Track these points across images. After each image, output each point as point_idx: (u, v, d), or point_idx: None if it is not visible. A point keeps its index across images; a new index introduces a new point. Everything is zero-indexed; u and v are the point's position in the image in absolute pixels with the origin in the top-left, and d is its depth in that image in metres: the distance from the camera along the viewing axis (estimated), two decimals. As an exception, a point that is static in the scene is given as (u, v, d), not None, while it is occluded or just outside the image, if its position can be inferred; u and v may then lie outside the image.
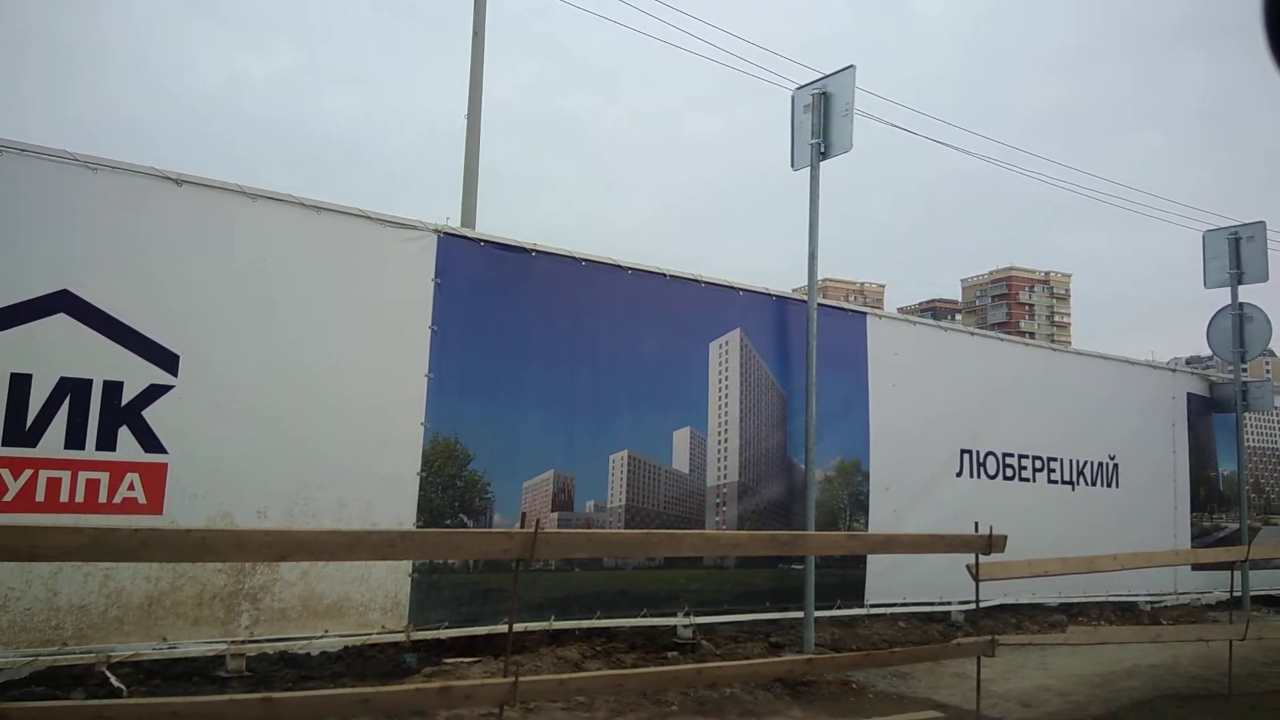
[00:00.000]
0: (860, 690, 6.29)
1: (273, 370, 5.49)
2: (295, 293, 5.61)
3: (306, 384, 5.58)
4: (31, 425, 4.80)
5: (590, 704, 5.49)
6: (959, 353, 9.12)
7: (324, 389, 5.63)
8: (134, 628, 5.00)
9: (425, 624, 5.91)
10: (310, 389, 5.59)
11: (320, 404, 5.61)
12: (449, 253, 6.25)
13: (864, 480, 8.13)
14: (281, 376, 5.51)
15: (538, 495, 6.61)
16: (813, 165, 7.33)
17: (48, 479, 4.82)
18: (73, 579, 4.83)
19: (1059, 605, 9.27)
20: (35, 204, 4.91)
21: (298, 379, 5.56)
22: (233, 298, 5.41)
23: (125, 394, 5.02)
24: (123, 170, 5.11)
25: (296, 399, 5.53)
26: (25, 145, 4.87)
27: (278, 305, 5.56)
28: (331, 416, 5.65)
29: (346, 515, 5.62)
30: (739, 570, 7.40)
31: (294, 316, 5.60)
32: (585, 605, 6.58)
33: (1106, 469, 9.93)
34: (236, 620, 5.25)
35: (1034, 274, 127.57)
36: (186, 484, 5.14)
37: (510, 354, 6.51)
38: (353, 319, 5.81)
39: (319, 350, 5.66)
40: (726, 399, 7.54)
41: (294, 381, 5.54)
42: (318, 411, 5.60)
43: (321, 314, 5.70)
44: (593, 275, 6.95)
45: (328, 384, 5.65)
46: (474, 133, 12.69)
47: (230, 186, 5.43)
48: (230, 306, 5.39)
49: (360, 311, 5.85)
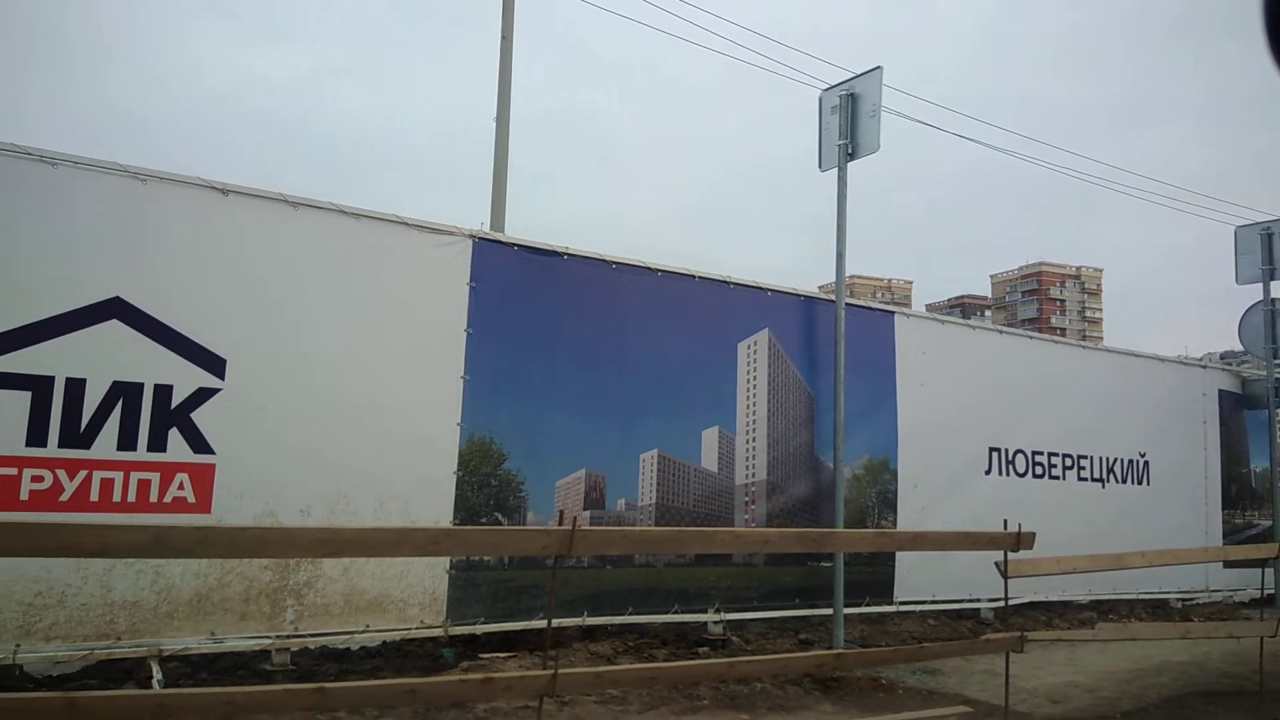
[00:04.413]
0: (890, 686, 6.36)
1: (314, 373, 5.66)
2: (335, 297, 5.78)
3: (346, 386, 5.74)
4: (86, 427, 5.00)
5: (624, 698, 5.61)
6: (988, 351, 9.15)
7: (364, 391, 5.80)
8: (184, 623, 5.18)
9: (462, 619, 6.05)
10: (350, 391, 5.75)
11: (360, 405, 5.77)
12: (483, 256, 6.39)
13: (892, 478, 8.19)
14: (322, 379, 5.68)
15: (570, 494, 6.74)
16: (840, 166, 7.39)
17: (101, 479, 5.02)
18: (126, 575, 5.02)
19: (1089, 603, 9.27)
20: (89, 214, 5.11)
21: (338, 381, 5.72)
22: (276, 302, 5.59)
23: (175, 397, 5.20)
24: (171, 181, 5.30)
25: (337, 401, 5.70)
26: (79, 158, 5.07)
27: (319, 309, 5.73)
28: (371, 418, 5.80)
29: (385, 514, 5.78)
30: (768, 567, 7.49)
31: (334, 320, 5.77)
32: (617, 602, 6.70)
33: (1137, 466, 9.91)
34: (282, 615, 5.42)
35: (1065, 269, 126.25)
36: (233, 484, 5.32)
37: (542, 355, 6.64)
38: (391, 322, 5.97)
39: (359, 353, 5.82)
40: (754, 398, 7.63)
41: (334, 383, 5.71)
42: (358, 413, 5.76)
43: (361, 317, 5.86)
44: (623, 277, 7.07)
45: (367, 386, 5.81)
46: (503, 136, 12.82)
47: (273, 195, 5.61)
48: (274, 311, 5.58)
49: (398, 315, 6.01)
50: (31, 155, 4.96)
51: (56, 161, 5.01)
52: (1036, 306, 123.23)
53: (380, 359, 5.90)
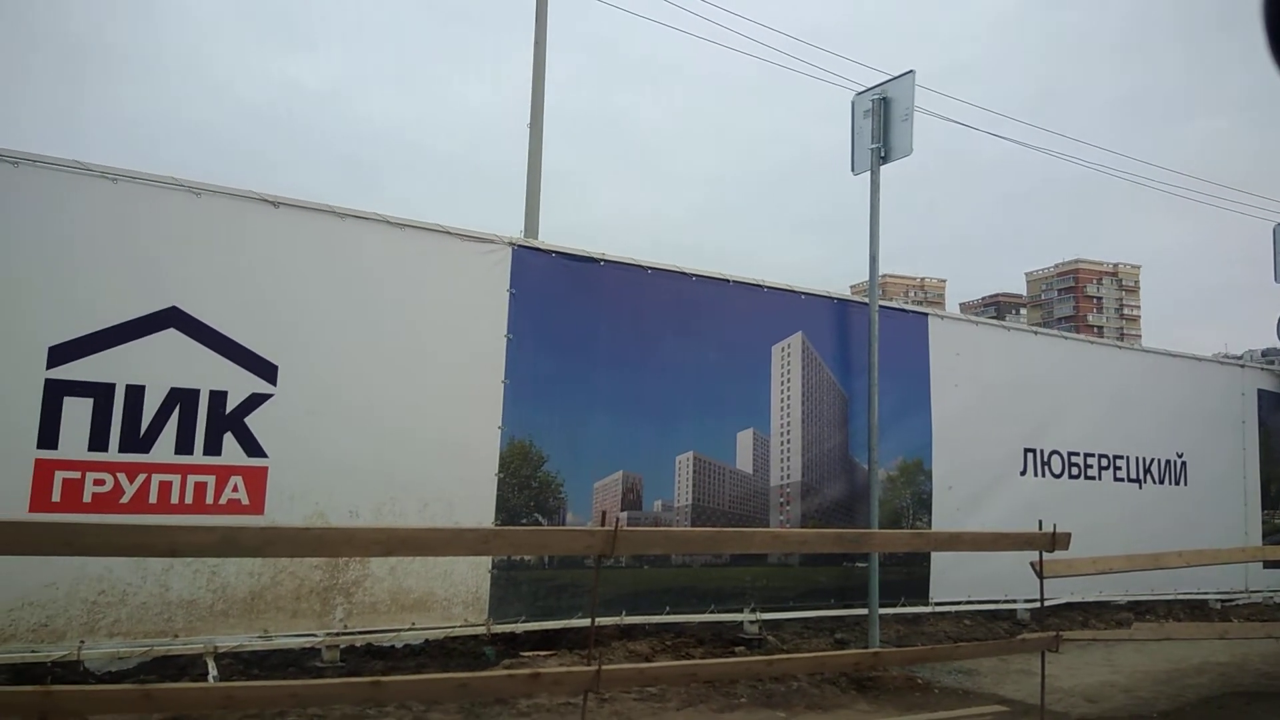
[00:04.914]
0: (925, 686, 6.42)
1: (361, 378, 5.83)
2: (381, 305, 5.96)
3: (392, 391, 5.91)
4: (145, 432, 5.21)
5: (662, 695, 5.73)
6: (1022, 352, 9.16)
7: (408, 395, 5.97)
8: (238, 620, 5.37)
9: (504, 618, 6.20)
10: (395, 395, 5.92)
11: (405, 409, 5.94)
12: (522, 263, 6.54)
13: (926, 479, 8.23)
14: (369, 384, 5.85)
15: (608, 495, 6.87)
16: (873, 170, 7.45)
17: (160, 482, 5.22)
18: (183, 575, 5.22)
19: (1127, 603, 9.24)
20: (147, 227, 5.32)
21: (384, 386, 5.89)
22: (324, 310, 5.77)
23: (229, 402, 5.40)
24: (224, 194, 5.50)
25: (383, 405, 5.87)
26: (137, 174, 5.29)
27: (365, 317, 5.90)
28: (415, 421, 5.97)
29: (430, 515, 5.94)
30: (803, 568, 7.57)
31: (380, 327, 5.94)
32: (654, 601, 6.82)
33: (1174, 467, 9.86)
34: (331, 614, 5.60)
35: (1102, 266, 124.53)
36: (285, 486, 5.51)
37: (580, 359, 6.77)
38: (434, 329, 6.14)
39: (403, 359, 5.99)
40: (788, 401, 7.71)
41: (380, 388, 5.88)
42: (402, 416, 5.93)
43: (405, 324, 6.03)
44: (658, 282, 7.19)
45: (411, 390, 5.98)
46: (537, 142, 13.02)
47: (321, 207, 5.80)
48: (322, 319, 5.76)
49: (441, 321, 6.17)
50: (93, 171, 5.18)
51: (117, 177, 5.22)
52: (1073, 304, 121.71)
53: (424, 364, 6.07)
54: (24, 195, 5.01)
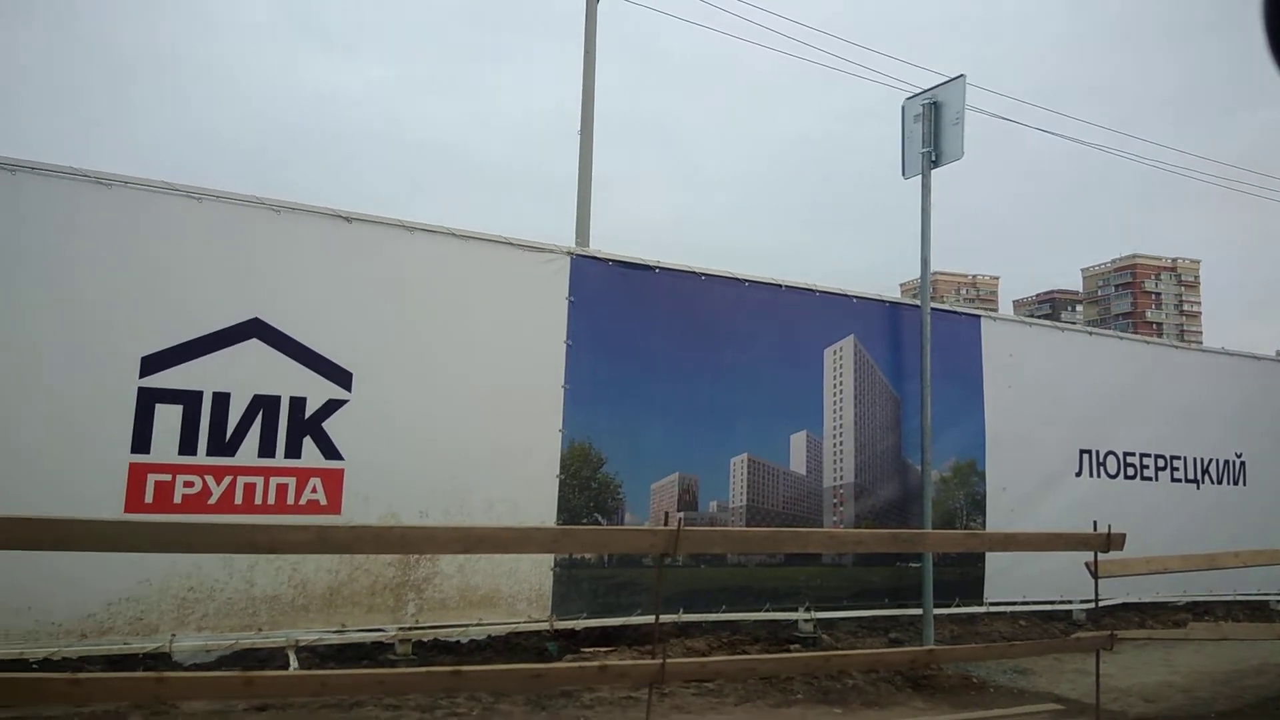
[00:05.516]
0: (981, 685, 6.50)
1: (430, 384, 6.10)
2: (448, 314, 6.22)
3: (459, 396, 6.17)
4: (230, 437, 5.52)
5: (720, 690, 5.89)
6: (1077, 352, 9.14)
7: (474, 400, 6.22)
8: (317, 615, 5.66)
9: (566, 615, 6.42)
10: (462, 400, 6.18)
11: (471, 414, 6.20)
12: (580, 272, 6.76)
13: (980, 481, 8.28)
14: (438, 389, 6.12)
15: (665, 496, 7.05)
16: (924, 174, 7.52)
17: (244, 484, 5.53)
18: (266, 571, 5.53)
19: (1185, 604, 9.19)
20: (229, 242, 5.64)
21: (452, 392, 6.16)
22: (395, 319, 6.05)
23: (308, 408, 5.70)
24: (301, 210, 5.81)
25: (451, 409, 6.13)
26: (221, 193, 5.61)
27: (433, 326, 6.17)
28: (481, 425, 6.22)
29: (495, 514, 6.18)
30: (857, 567, 7.68)
31: (447, 335, 6.21)
32: (710, 600, 6.98)
33: (1233, 467, 9.77)
34: (404, 609, 5.87)
35: (1160, 261, 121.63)
36: (359, 487, 5.79)
37: (637, 364, 6.97)
38: (497, 336, 6.39)
39: (470, 365, 6.25)
40: (841, 403, 7.83)
41: (448, 394, 6.14)
42: (469, 421, 6.19)
43: (471, 332, 6.29)
44: (712, 288, 7.36)
45: (477, 396, 6.24)
46: (587, 149, 13.24)
47: (391, 221, 6.08)
48: (393, 328, 6.04)
49: (504, 329, 6.42)
50: (179, 191, 5.51)
51: (202, 196, 5.55)
52: (1130, 300, 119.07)
53: (489, 370, 6.31)
54: (119, 215, 5.36)
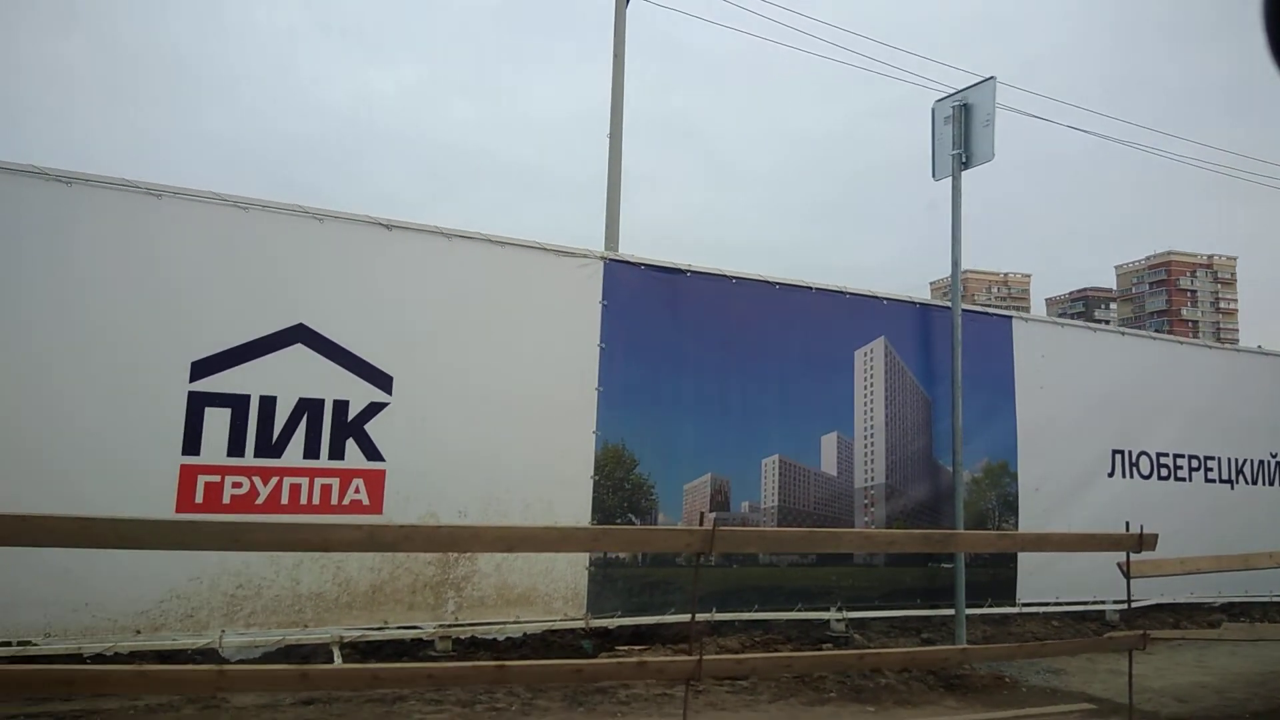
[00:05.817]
0: (1013, 684, 6.53)
1: (468, 386, 6.24)
2: (485, 318, 6.36)
3: (496, 398, 6.31)
4: (277, 439, 5.69)
5: (754, 688, 5.98)
6: (1109, 353, 9.13)
7: (510, 402, 6.36)
8: (360, 612, 5.82)
9: (601, 613, 6.54)
10: (499, 403, 6.32)
11: (507, 416, 6.33)
12: (613, 276, 6.88)
13: (1012, 481, 8.30)
14: (475, 391, 6.26)
15: (697, 496, 7.15)
16: (954, 175, 7.57)
17: (290, 485, 5.70)
18: (311, 570, 5.69)
19: (1220, 605, 9.14)
20: (276, 250, 5.82)
21: (489, 394, 6.29)
22: (434, 324, 6.21)
23: (351, 411, 5.86)
24: (344, 219, 5.97)
25: (488, 412, 6.27)
26: (268, 202, 5.79)
27: (470, 330, 6.32)
28: (517, 426, 6.36)
29: (531, 515, 6.31)
30: (889, 568, 7.73)
31: (484, 339, 6.35)
32: (743, 599, 7.07)
33: (1268, 467, 9.70)
34: (444, 606, 6.01)
35: (1195, 258, 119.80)
36: (400, 487, 5.94)
37: (669, 366, 7.07)
38: (533, 340, 6.52)
39: (506, 368, 6.39)
40: (872, 404, 7.88)
41: (485, 396, 6.28)
42: (505, 422, 6.32)
43: (507, 336, 6.43)
44: (742, 291, 7.45)
45: (514, 398, 6.37)
46: (616, 152, 13.33)
47: (430, 229, 6.23)
48: (432, 332, 6.20)
49: (539, 333, 6.55)
50: (227, 201, 5.69)
51: (249, 206, 5.73)
52: (1165, 298, 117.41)
53: (525, 374, 6.45)
54: (169, 225, 5.55)
